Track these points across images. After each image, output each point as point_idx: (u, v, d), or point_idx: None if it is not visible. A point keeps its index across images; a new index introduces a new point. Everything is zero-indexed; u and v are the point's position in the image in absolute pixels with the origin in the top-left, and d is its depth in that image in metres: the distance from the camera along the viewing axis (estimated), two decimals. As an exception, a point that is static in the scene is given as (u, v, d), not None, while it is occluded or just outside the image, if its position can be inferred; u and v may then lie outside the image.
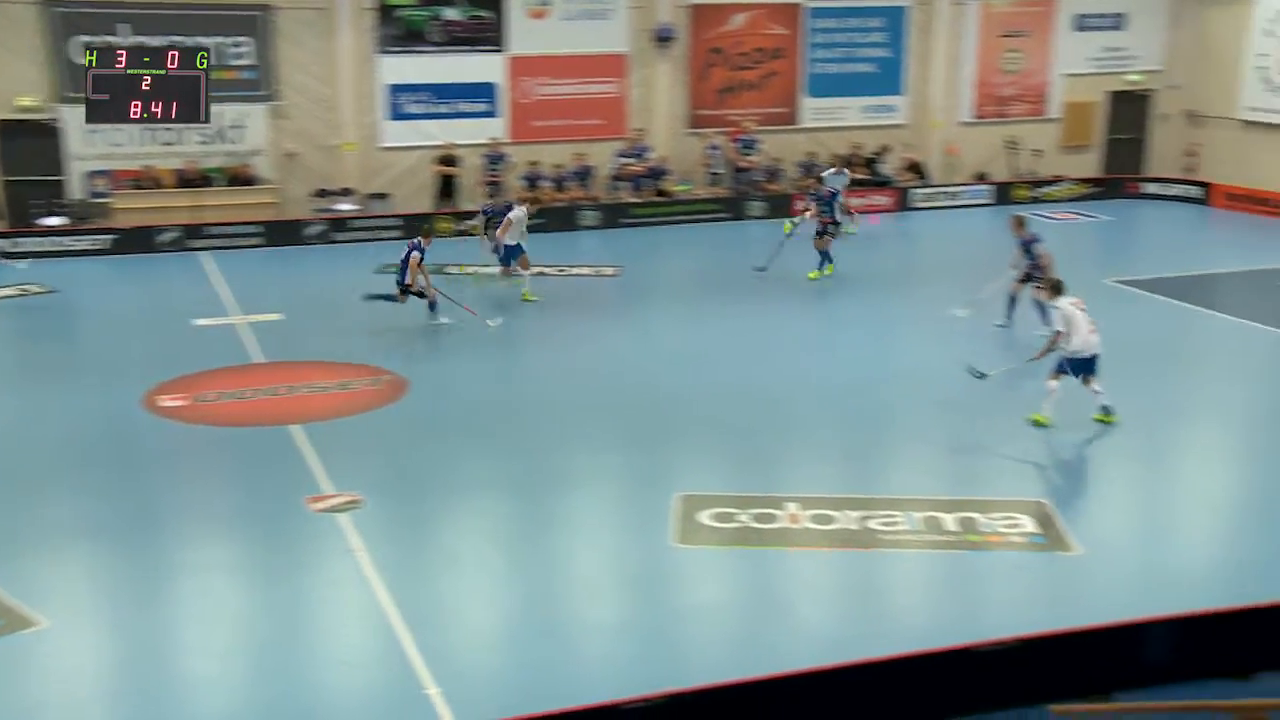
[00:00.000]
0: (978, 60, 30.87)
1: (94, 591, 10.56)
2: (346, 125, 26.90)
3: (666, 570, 10.79)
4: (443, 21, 27.32)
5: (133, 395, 15.16)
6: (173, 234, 24.68)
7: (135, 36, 25.23)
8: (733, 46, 29.44)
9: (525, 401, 15.48)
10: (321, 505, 11.83)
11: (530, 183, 27.34)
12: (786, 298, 20.44)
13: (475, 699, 8.60)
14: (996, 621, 9.58)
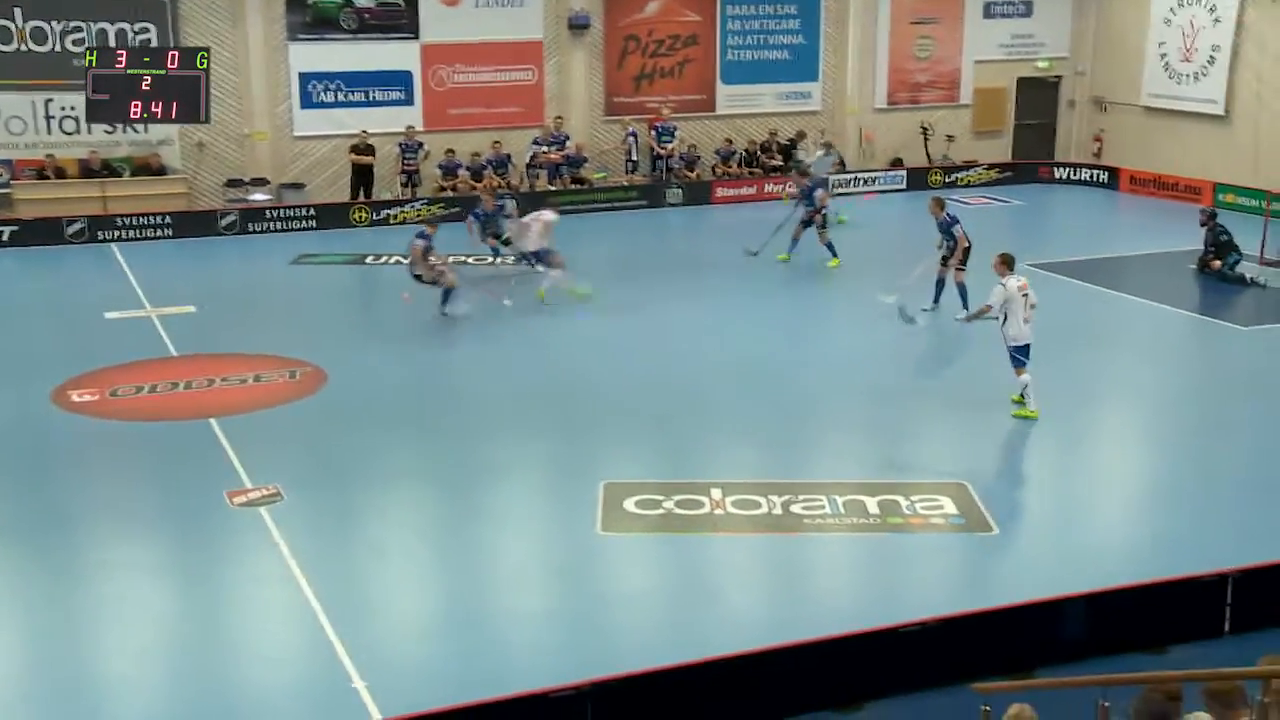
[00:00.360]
0: (890, 47, 31.22)
1: (5, 594, 10.34)
2: (257, 114, 26.50)
3: (592, 558, 10.85)
4: (355, 9, 27.03)
5: (42, 391, 14.85)
6: (79, 225, 24.18)
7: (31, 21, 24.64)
8: (648, 34, 29.47)
9: (444, 392, 15.43)
10: (242, 499, 11.71)
11: (447, 171, 27.18)
12: (705, 286, 20.54)
13: (404, 690, 8.57)
14: (919, 602, 9.73)
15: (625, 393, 15.07)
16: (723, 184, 28.98)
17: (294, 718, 8.29)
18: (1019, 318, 13.61)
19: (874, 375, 15.58)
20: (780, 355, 16.60)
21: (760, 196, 28.88)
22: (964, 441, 13.70)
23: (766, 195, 28.89)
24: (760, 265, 21.84)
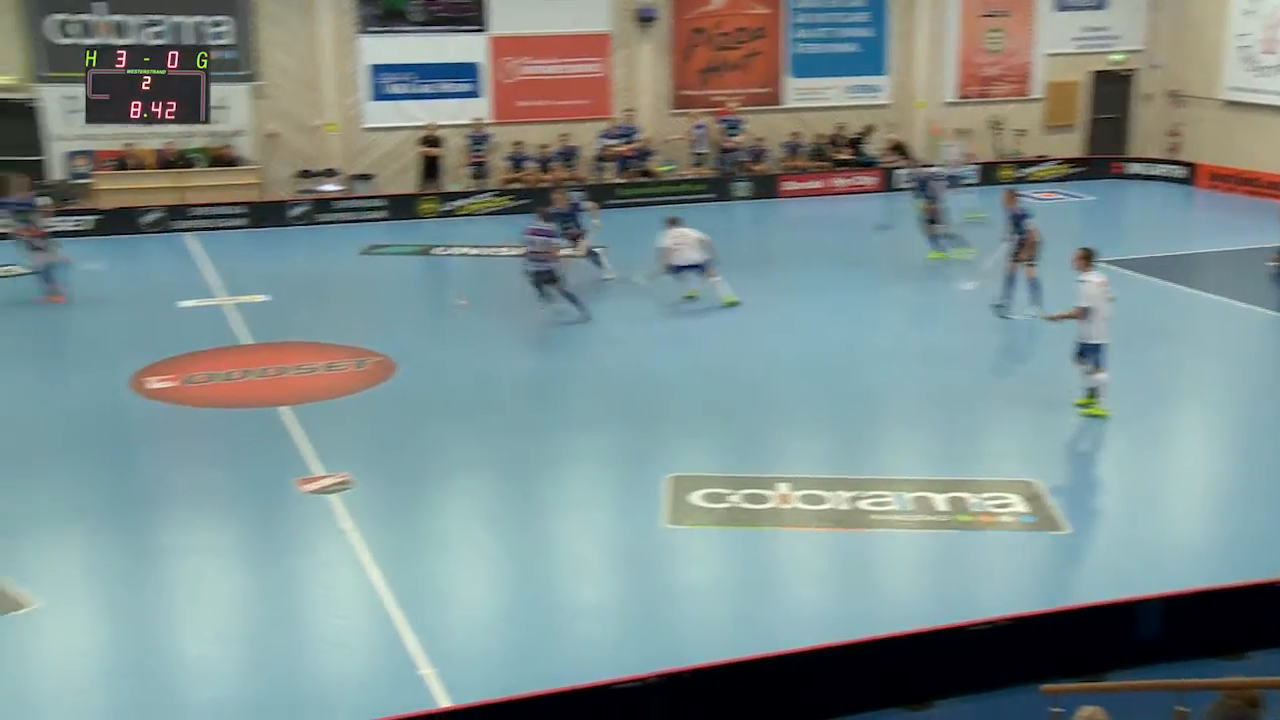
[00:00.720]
0: (960, 40, 30.87)
1: (86, 574, 10.53)
2: (328, 106, 26.76)
3: (658, 551, 10.82)
4: (424, 1, 27.18)
5: (120, 377, 15.10)
6: (156, 215, 24.55)
7: (111, 15, 25.06)
8: (715, 26, 29.37)
9: (512, 383, 15.48)
10: (312, 486, 11.81)
11: (515, 164, 27.29)
12: (772, 280, 20.45)
13: (469, 679, 8.60)
14: (987, 600, 9.63)
15: (692, 386, 15.05)
16: (789, 177, 28.84)
17: (361, 702, 8.33)
18: (1100, 315, 13.39)
19: (944, 371, 15.42)
20: (849, 350, 16.49)
21: (827, 190, 28.73)
22: (1034, 439, 13.51)
23: (833, 189, 28.74)
24: (827, 259, 21.71)
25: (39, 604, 9.62)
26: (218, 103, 25.87)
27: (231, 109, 26.11)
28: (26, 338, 17.75)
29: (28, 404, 14.50)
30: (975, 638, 8.71)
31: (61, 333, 18.03)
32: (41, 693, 8.65)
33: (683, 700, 8.14)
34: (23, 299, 19.13)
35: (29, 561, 10.38)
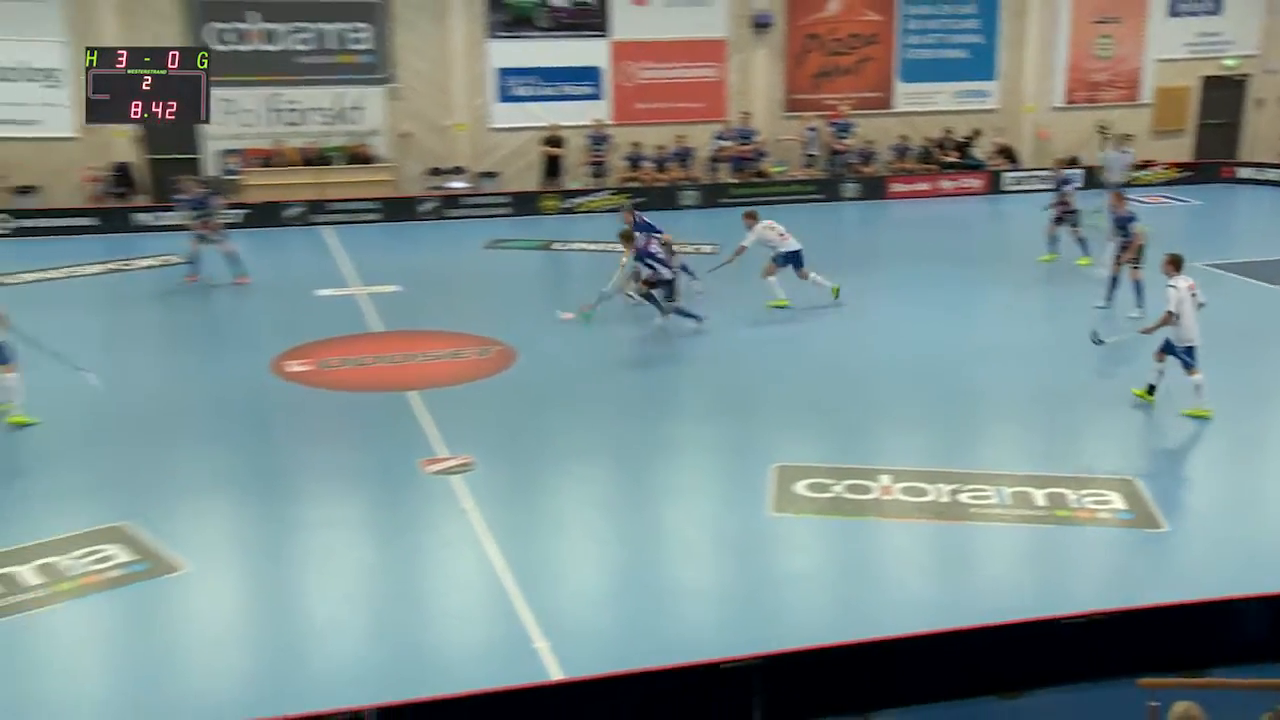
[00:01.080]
0: (1070, 46, 30.22)
1: (229, 541, 10.84)
2: (458, 107, 27.16)
3: (763, 537, 10.79)
4: (550, 8, 27.43)
5: (262, 360, 15.52)
6: (297, 209, 25.16)
7: (263, 24, 25.73)
8: (828, 32, 29.16)
9: (626, 373, 15.55)
10: (436, 467, 12.01)
11: (632, 163, 27.41)
12: (879, 278, 20.25)
13: (580, 653, 8.69)
14: (1084, 595, 9.46)
15: (797, 380, 14.97)
16: (897, 179, 28.52)
17: (479, 672, 8.45)
18: (1188, 318, 13.08)
19: (1047, 369, 15.14)
20: (952, 347, 16.26)
21: (934, 192, 28.36)
22: (1134, 438, 13.21)
23: (940, 191, 28.37)
24: (933, 259, 21.44)
25: (189, 567, 9.95)
26: (355, 104, 26.61)
27: (367, 110, 26.67)
28: (181, 321, 18.35)
29: (180, 383, 14.98)
30: (1072, 630, 8.55)
31: (211, 318, 18.58)
32: (188, 647, 8.94)
33: (784, 680, 8.13)
34: (177, 288, 19.75)
35: (180, 529, 10.70)
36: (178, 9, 25.32)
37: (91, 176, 25.37)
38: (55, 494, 11.65)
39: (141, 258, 21.82)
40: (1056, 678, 8.48)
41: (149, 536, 10.40)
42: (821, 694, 8.24)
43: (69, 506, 11.21)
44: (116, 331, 18.03)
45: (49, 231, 23.88)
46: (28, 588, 9.60)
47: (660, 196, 26.59)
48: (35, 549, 10.20)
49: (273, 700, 8.01)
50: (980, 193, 28.51)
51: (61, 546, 10.24)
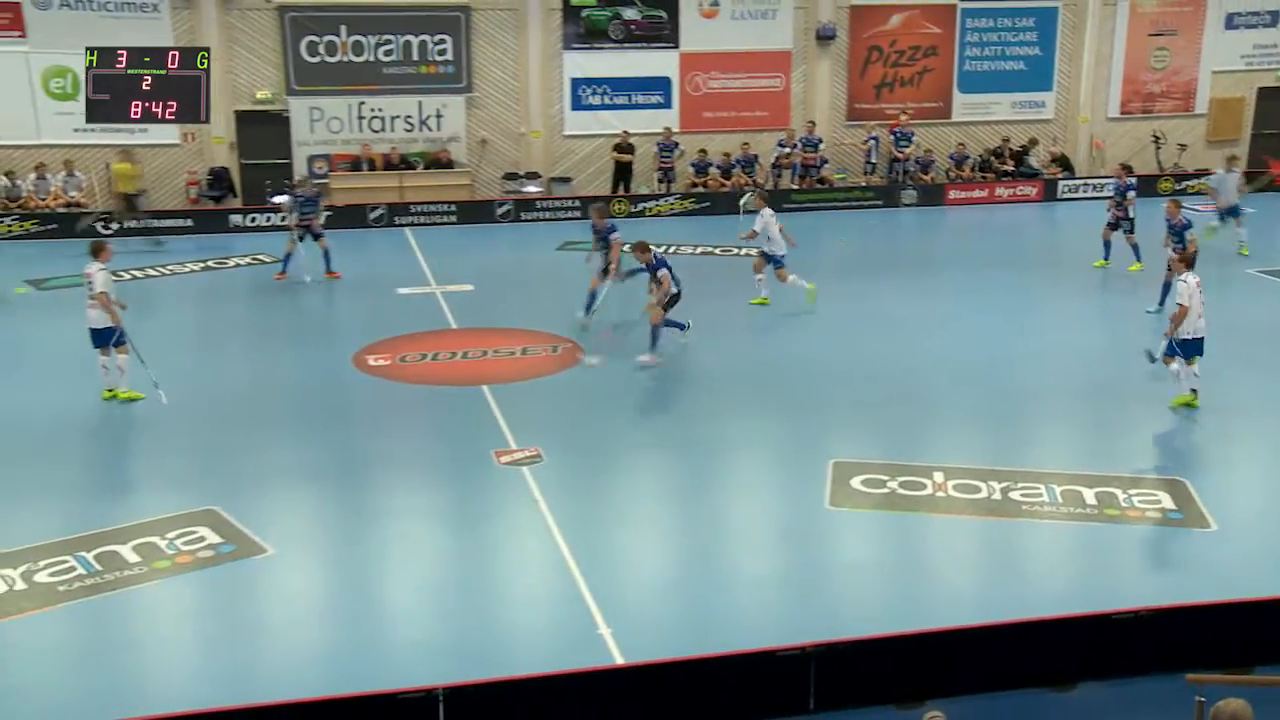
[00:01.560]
0: (1126, 58, 29.67)
1: (311, 527, 10.95)
2: (533, 115, 27.25)
3: (820, 530, 10.71)
4: (622, 20, 27.44)
5: (344, 355, 15.67)
6: (380, 211, 25.39)
7: (351, 36, 26.02)
8: (889, 44, 28.88)
9: (689, 371, 15.50)
10: (508, 459, 12.05)
11: (699, 170, 27.33)
12: (936, 282, 20.03)
13: (643, 638, 8.68)
14: (1132, 592, 9.28)
15: (856, 379, 14.84)
16: (955, 187, 28.18)
17: (546, 655, 8.47)
18: (1196, 312, 12.98)
19: (1098, 371, 14.87)
20: (1007, 349, 16.03)
21: (990, 200, 28.00)
22: (1185, 439, 12.93)
23: (997, 199, 28.01)
24: (988, 264, 21.15)
25: (273, 551, 10.07)
26: (436, 111, 26.81)
27: (448, 118, 26.85)
28: (270, 316, 18.59)
29: (268, 375, 15.17)
30: (1120, 625, 8.38)
31: (297, 314, 18.79)
32: (271, 626, 9.06)
33: (839, 668, 8.05)
34: (267, 284, 20.01)
35: (266, 513, 10.84)
36: (274, 23, 25.68)
37: (191, 180, 25.83)
38: (153, 478, 11.87)
39: (235, 257, 22.14)
40: (1106, 672, 8.32)
41: (237, 520, 10.54)
42: (875, 683, 8.15)
43: (165, 490, 11.41)
44: (210, 326, 18.32)
45: (152, 232, 24.30)
46: (127, 565, 9.77)
47: (725, 201, 26.48)
48: (134, 529, 10.39)
49: (349, 678, 8.09)
50: (1036, 200, 28.09)
51: (158, 527, 10.42)
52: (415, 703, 7.40)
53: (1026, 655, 8.32)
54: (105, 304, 13.47)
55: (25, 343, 16.87)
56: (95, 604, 9.23)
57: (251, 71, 25.83)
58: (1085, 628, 8.40)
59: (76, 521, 10.56)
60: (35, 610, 9.11)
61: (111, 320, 13.49)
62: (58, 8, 23.97)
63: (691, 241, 22.60)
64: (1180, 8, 29.59)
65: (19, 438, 12.77)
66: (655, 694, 7.88)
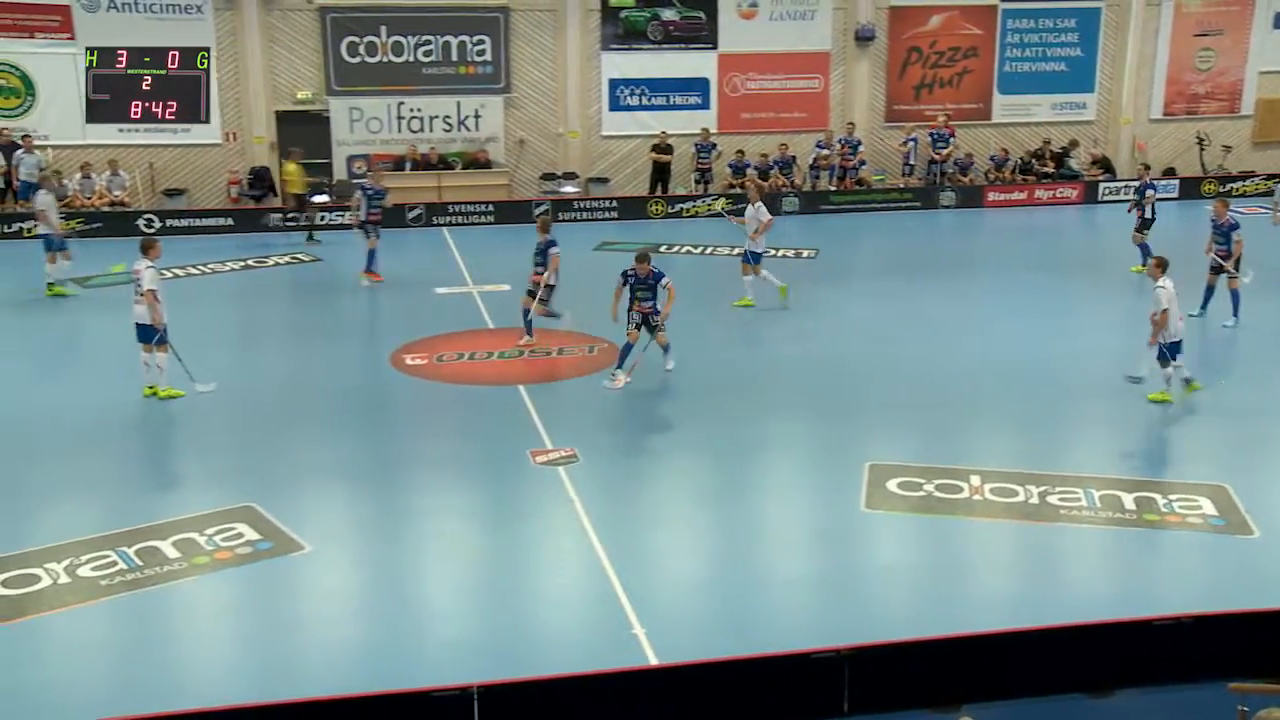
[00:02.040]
0: (1170, 58, 29.35)
1: (348, 523, 11.01)
2: (571, 115, 27.33)
3: (855, 533, 10.66)
4: (661, 21, 27.46)
5: (382, 354, 15.77)
6: (418, 211, 25.52)
7: (391, 37, 26.18)
8: (929, 45, 28.74)
9: (724, 372, 15.45)
10: (543, 459, 12.07)
11: (735, 171, 27.29)
12: (974, 283, 19.90)
13: (676, 640, 8.66)
14: (1173, 598, 9.18)
15: (892, 381, 14.76)
16: (994, 189, 28.00)
17: (580, 654, 8.48)
18: (1175, 316, 13.10)
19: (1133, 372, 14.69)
20: (1045, 352, 15.90)
21: (1030, 202, 27.80)
22: (1227, 444, 12.76)
23: (1036, 201, 27.81)
24: (1026, 266, 20.98)
25: (310, 548, 10.14)
26: (474, 111, 26.92)
27: (486, 118, 26.97)
28: (308, 315, 18.73)
29: (306, 374, 15.28)
30: (1161, 632, 8.28)
31: (335, 312, 18.91)
32: (308, 623, 9.11)
33: (874, 672, 8.01)
34: (305, 282, 20.16)
35: (303, 511, 10.92)
36: (315, 23, 25.89)
37: (233, 180, 26.07)
38: (192, 475, 11.99)
39: (274, 255, 22.32)
40: (1146, 679, 8.23)
41: (275, 518, 10.62)
42: (909, 686, 8.10)
43: (205, 486, 11.52)
44: (249, 324, 18.49)
45: (192, 231, 24.56)
46: (167, 561, 9.87)
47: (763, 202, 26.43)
48: (174, 525, 10.49)
49: (385, 676, 8.12)
50: (1076, 203, 27.85)
51: (197, 524, 10.51)
52: (450, 701, 7.42)
53: (1063, 661, 8.24)
54: (151, 301, 13.62)
55: (70, 340, 17.11)
56: (136, 599, 9.33)
57: (292, 72, 26.05)
58: (1125, 634, 8.30)
59: (118, 517, 10.68)
60: (78, 604, 9.22)
61: (153, 319, 13.63)
62: (105, 10, 24.27)
63: (727, 243, 22.56)
64: (1227, 7, 29.24)
65: (64, 434, 12.93)
66: (689, 695, 7.87)
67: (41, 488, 11.64)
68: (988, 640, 8.18)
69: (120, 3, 24.52)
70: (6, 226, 23.65)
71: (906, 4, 28.30)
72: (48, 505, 11.20)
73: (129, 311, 13.98)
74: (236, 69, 25.68)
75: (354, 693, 7.62)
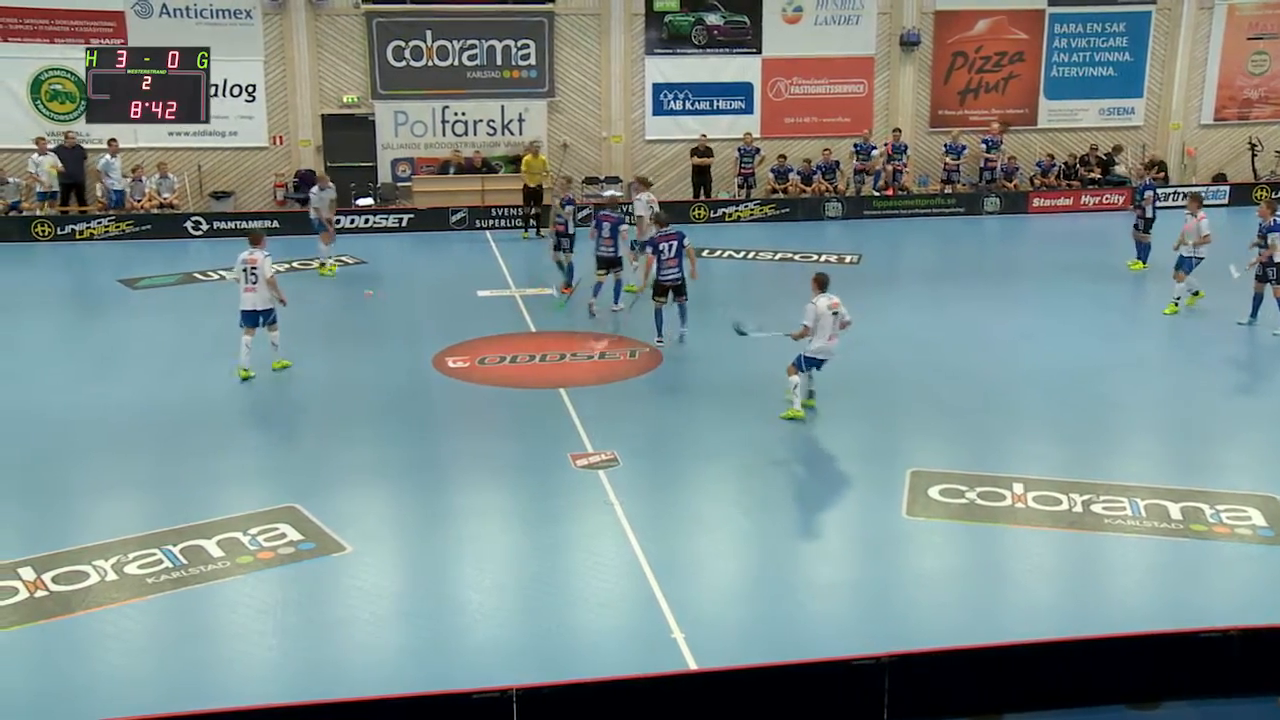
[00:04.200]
0: (1222, 62, 28.97)
1: (389, 525, 11.07)
2: (614, 119, 27.38)
3: (896, 540, 10.58)
4: (705, 26, 27.47)
5: (425, 356, 15.86)
6: (461, 214, 25.65)
7: (436, 41, 26.35)
8: (975, 50, 28.55)
9: (765, 377, 15.38)
10: (583, 462, 12.09)
11: (778, 176, 27.24)
12: (1017, 290, 19.74)
13: (716, 645, 8.63)
14: (1219, 610, 9.03)
15: (936, 387, 14.67)
16: (1040, 194, 27.76)
17: (619, 658, 8.49)
18: (826, 333, 13.14)
19: (1184, 383, 14.56)
20: (1089, 358, 15.74)
21: (1076, 208, 27.52)
22: (1277, 453, 12.55)
23: (1082, 207, 27.52)
24: (1071, 273, 20.77)
25: (351, 549, 10.21)
26: (518, 115, 27.04)
27: (529, 121, 27.08)
28: (352, 317, 18.86)
29: (349, 375, 15.39)
30: (1208, 644, 8.17)
31: (380, 314, 19.03)
32: (349, 623, 9.17)
33: (914, 680, 7.95)
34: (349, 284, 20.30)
35: (345, 512, 10.99)
36: (361, 28, 26.12)
37: (279, 183, 26.35)
38: (237, 474, 12.10)
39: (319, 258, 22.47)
40: (1192, 691, 8.12)
41: (317, 518, 10.70)
42: (950, 695, 8.04)
43: (248, 487, 11.64)
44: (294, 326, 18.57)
45: (240, 233, 24.81)
46: (211, 560, 9.98)
47: (806, 207, 26.37)
48: (219, 524, 10.59)
49: (424, 677, 8.17)
50: (1122, 208, 27.53)
51: (241, 523, 10.62)
52: (489, 703, 7.45)
53: (1107, 672, 8.15)
54: (273, 286, 14.81)
55: (120, 340, 17.33)
56: (180, 597, 9.43)
57: (338, 76, 26.30)
58: (1170, 645, 8.20)
59: (164, 515, 10.80)
60: (125, 601, 9.34)
61: (276, 299, 14.86)
62: (157, 15, 24.61)
63: (770, 248, 22.52)
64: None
65: (113, 433, 13.11)
66: (728, 700, 7.85)
67: (91, 485, 11.82)
68: (1029, 650, 8.11)
69: (172, 8, 24.89)
70: (59, 229, 24.04)
71: (952, 8, 28.13)
72: (97, 503, 11.36)
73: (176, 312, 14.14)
74: (284, 73, 25.97)
75: (394, 693, 7.66)
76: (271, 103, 26.05)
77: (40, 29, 24.09)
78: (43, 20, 24.22)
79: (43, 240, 23.90)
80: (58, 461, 12.38)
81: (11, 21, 24.20)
